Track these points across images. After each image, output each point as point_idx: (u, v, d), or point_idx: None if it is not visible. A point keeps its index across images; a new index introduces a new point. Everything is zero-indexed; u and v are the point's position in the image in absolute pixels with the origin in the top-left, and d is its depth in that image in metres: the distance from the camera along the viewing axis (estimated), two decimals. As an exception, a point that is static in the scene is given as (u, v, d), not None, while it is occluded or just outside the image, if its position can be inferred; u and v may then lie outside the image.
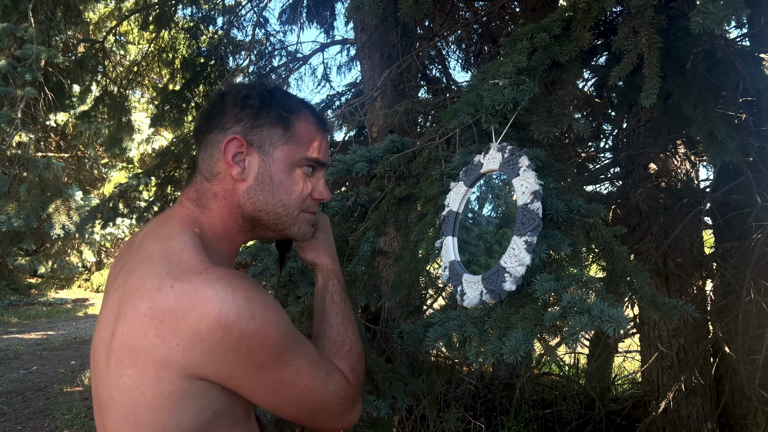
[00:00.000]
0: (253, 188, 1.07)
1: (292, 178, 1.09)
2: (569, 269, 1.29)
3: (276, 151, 1.06)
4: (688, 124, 2.18)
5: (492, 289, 1.31)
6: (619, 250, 1.41)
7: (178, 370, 0.87)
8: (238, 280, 0.91)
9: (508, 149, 1.37)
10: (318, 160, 1.11)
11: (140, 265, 0.96)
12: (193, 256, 0.95)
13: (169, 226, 1.03)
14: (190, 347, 0.86)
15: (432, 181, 1.66)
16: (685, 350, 3.29)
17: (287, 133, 1.07)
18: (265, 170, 1.07)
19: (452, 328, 1.29)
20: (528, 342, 1.18)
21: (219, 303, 0.86)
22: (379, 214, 1.73)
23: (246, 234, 1.13)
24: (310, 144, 1.09)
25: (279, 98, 1.09)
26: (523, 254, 1.26)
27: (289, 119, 1.08)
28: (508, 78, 1.36)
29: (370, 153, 1.75)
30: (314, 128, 1.12)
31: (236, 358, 0.88)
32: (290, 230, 1.13)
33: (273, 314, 0.92)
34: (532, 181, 1.29)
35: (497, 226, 1.62)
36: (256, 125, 1.06)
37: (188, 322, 0.86)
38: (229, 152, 1.05)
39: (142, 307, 0.89)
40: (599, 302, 1.12)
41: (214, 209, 1.08)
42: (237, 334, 0.86)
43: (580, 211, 1.43)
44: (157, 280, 0.90)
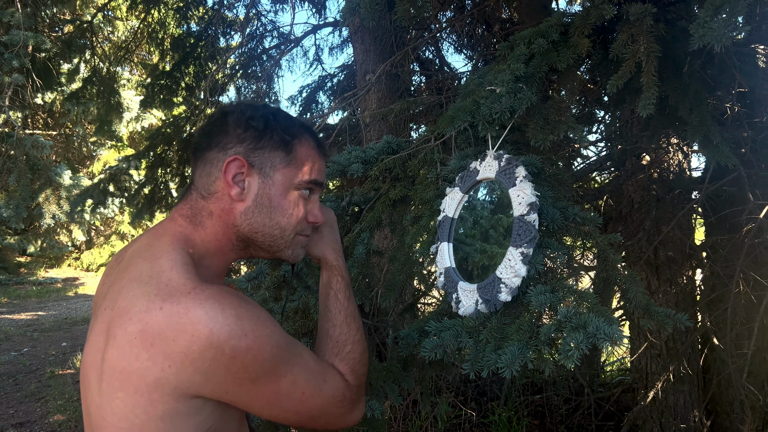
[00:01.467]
0: (251, 209, 1.07)
1: (290, 201, 1.09)
2: (565, 281, 1.30)
3: (277, 174, 1.07)
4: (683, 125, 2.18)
5: (487, 299, 1.31)
6: (614, 259, 1.41)
7: (171, 390, 0.88)
8: (227, 298, 0.91)
9: (505, 158, 1.36)
10: (316, 181, 1.12)
11: (129, 285, 0.95)
12: (181, 274, 0.94)
13: (159, 244, 1.02)
14: (183, 368, 0.86)
15: (427, 183, 1.65)
16: (674, 340, 3.33)
17: (288, 157, 1.08)
18: (265, 192, 1.07)
19: (448, 338, 1.30)
20: (524, 356, 1.19)
21: (209, 323, 0.86)
22: (374, 215, 1.72)
23: (238, 252, 1.13)
24: (310, 167, 1.10)
25: (282, 121, 1.09)
26: (519, 266, 1.26)
27: (291, 143, 1.08)
28: (506, 86, 1.35)
29: (365, 154, 1.74)
30: (314, 152, 1.13)
31: (230, 375, 0.89)
32: (284, 252, 1.14)
33: (264, 328, 0.93)
34: (528, 192, 1.29)
35: (492, 211, 1.62)
36: (259, 147, 1.06)
37: (179, 344, 0.86)
38: (230, 172, 1.05)
39: (131, 329, 0.88)
40: (595, 318, 1.13)
41: (209, 227, 1.08)
42: (230, 351, 0.87)
43: (575, 220, 1.43)
44: (146, 301, 0.90)
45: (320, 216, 1.16)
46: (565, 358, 1.11)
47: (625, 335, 1.08)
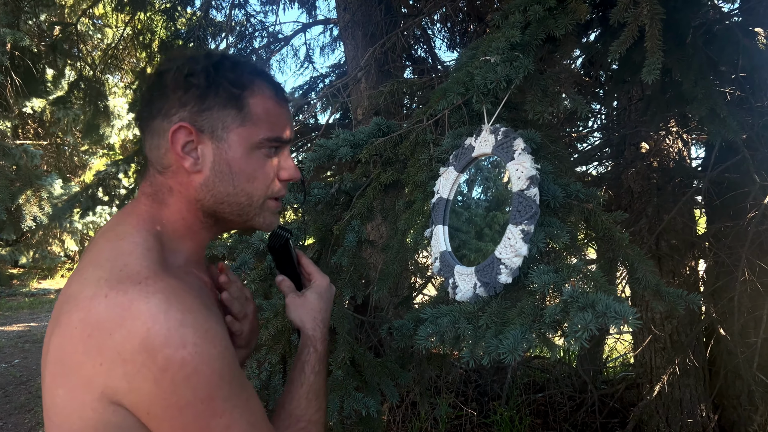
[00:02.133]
0: (210, 180, 0.94)
1: (253, 162, 0.95)
2: (569, 259, 1.21)
3: (231, 135, 0.93)
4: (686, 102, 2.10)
5: (486, 282, 1.22)
6: (620, 237, 1.32)
7: (98, 393, 0.76)
8: (179, 297, 0.79)
9: (502, 131, 1.28)
10: (279, 138, 0.97)
11: (85, 268, 0.85)
12: (139, 260, 0.83)
13: (125, 225, 0.92)
14: (113, 369, 0.75)
15: (420, 166, 1.56)
16: (679, 332, 3.24)
17: (241, 114, 0.93)
18: (222, 158, 0.93)
19: (444, 325, 1.21)
20: (527, 339, 1.10)
21: (149, 321, 0.75)
22: (365, 202, 1.63)
23: (211, 229, 1.01)
24: (268, 121, 0.95)
25: (228, 72, 0.93)
26: (519, 244, 1.17)
27: (242, 96, 0.93)
28: (501, 54, 1.26)
29: (354, 137, 1.65)
30: (272, 102, 0.97)
31: (157, 390, 0.76)
32: (255, 221, 1.00)
33: (211, 347, 0.79)
34: (528, 165, 1.20)
35: (486, 209, 1.54)
36: (205, 108, 0.92)
37: (115, 340, 0.75)
38: (178, 142, 0.92)
39: (74, 317, 0.78)
40: (603, 296, 1.04)
41: (172, 205, 0.96)
42: (162, 361, 0.75)
43: (578, 197, 1.34)
44: (94, 286, 0.79)
45: (295, 171, 1.01)
46: (572, 339, 1.02)
47: (637, 315, 0.99)
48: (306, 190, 1.52)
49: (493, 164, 1.49)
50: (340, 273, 1.65)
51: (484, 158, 1.41)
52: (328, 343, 1.16)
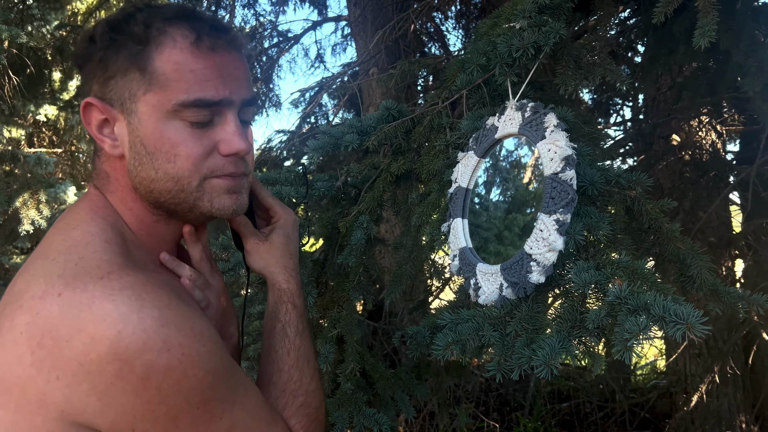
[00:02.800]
0: (132, 165, 0.78)
1: (171, 136, 0.75)
2: (611, 255, 1.03)
3: (139, 105, 0.75)
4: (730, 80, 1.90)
5: (515, 282, 1.04)
6: (669, 229, 1.14)
7: (57, 415, 0.62)
8: (152, 292, 0.65)
9: (530, 107, 1.10)
10: (201, 100, 0.74)
11: (33, 263, 0.70)
12: (98, 252, 0.69)
13: (76, 212, 0.77)
14: (75, 384, 0.62)
15: (435, 153, 1.39)
16: (715, 338, 3.02)
17: (145, 76, 0.74)
18: (136, 137, 0.76)
19: (466, 333, 1.03)
20: (566, 349, 0.92)
21: (118, 323, 0.61)
22: (374, 196, 1.46)
23: (168, 222, 0.83)
24: (182, 80, 0.74)
25: (135, 25, 0.74)
26: (553, 237, 0.99)
27: (144, 53, 0.74)
28: (528, 18, 1.08)
29: (361, 123, 1.48)
30: (187, 53, 0.74)
31: (140, 404, 0.63)
32: (200, 207, 0.80)
33: (199, 345, 0.67)
34: (562, 144, 1.02)
35: (506, 211, 1.38)
36: (108, 77, 0.75)
37: (74, 348, 0.61)
38: (91, 123, 0.77)
39: (19, 321, 0.63)
40: (659, 297, 0.86)
41: (114, 192, 0.81)
42: (141, 369, 0.62)
43: (619, 182, 1.16)
44: (44, 284, 0.65)
45: (237, 141, 0.78)
46: (622, 349, 0.84)
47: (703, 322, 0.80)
48: (309, 184, 1.36)
49: (512, 164, 1.34)
50: (348, 275, 1.48)
51: (502, 150, 1.24)
52: (307, 311, 0.96)
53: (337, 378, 1.47)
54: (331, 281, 1.59)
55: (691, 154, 3.01)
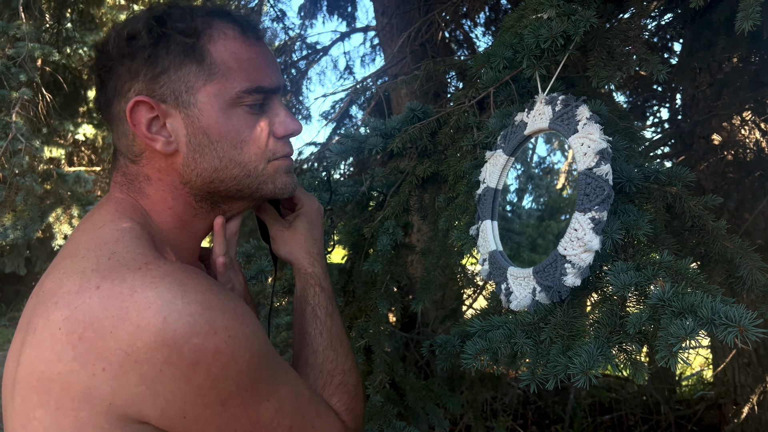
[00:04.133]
0: (190, 157, 0.78)
1: (235, 124, 0.78)
2: (652, 254, 0.95)
3: (199, 96, 0.76)
4: None
5: (548, 286, 0.98)
6: (716, 227, 1.06)
7: (104, 407, 0.61)
8: (193, 278, 0.65)
9: (560, 100, 1.04)
10: (261, 87, 0.78)
11: (62, 262, 0.69)
12: (130, 247, 0.68)
13: (100, 213, 0.76)
14: (122, 374, 0.61)
15: (462, 154, 1.34)
16: (765, 346, 2.87)
17: (204, 67, 0.75)
18: (196, 128, 0.77)
19: (498, 340, 0.97)
20: (605, 356, 0.85)
21: (163, 309, 0.61)
22: (400, 200, 1.41)
23: (207, 216, 0.84)
24: (241, 69, 0.77)
25: (176, 22, 0.75)
26: (589, 236, 0.93)
27: (198, 45, 0.75)
28: (556, 7, 1.03)
29: (385, 126, 1.44)
30: (240, 43, 0.78)
31: (190, 389, 0.63)
32: (264, 190, 0.83)
33: (243, 326, 0.67)
34: (596, 137, 0.95)
35: (539, 218, 1.32)
36: (159, 72, 0.74)
37: (119, 338, 0.61)
38: (140, 122, 0.75)
39: (56, 317, 0.63)
40: (706, 298, 0.79)
41: (153, 195, 0.80)
42: (190, 354, 0.62)
43: (658, 179, 1.09)
44: (78, 279, 0.64)
45: (292, 123, 0.83)
46: (667, 355, 0.77)
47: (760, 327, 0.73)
48: (333, 189, 1.32)
49: (544, 170, 1.29)
50: (374, 283, 1.43)
51: (534, 156, 1.19)
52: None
53: (366, 390, 1.42)
54: (358, 290, 1.55)
55: (733, 154, 2.89)
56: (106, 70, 0.77)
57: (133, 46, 0.74)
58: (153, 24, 0.74)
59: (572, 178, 1.34)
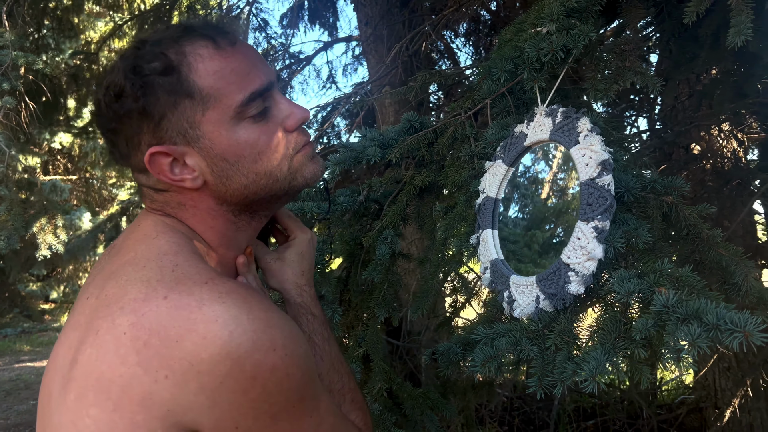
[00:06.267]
0: (220, 183, 0.79)
1: (246, 137, 0.77)
2: (653, 263, 0.98)
3: (204, 127, 0.76)
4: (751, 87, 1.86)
5: (552, 294, 1.00)
6: (711, 235, 1.10)
7: (162, 413, 0.63)
8: (255, 296, 0.68)
9: (561, 112, 1.07)
10: (254, 93, 0.77)
11: (122, 269, 0.71)
12: (191, 261, 0.71)
13: (147, 224, 0.78)
14: (184, 383, 0.63)
15: (460, 164, 1.36)
16: (744, 350, 2.94)
17: (195, 99, 0.74)
18: (213, 156, 0.77)
19: (504, 347, 0.99)
20: (612, 362, 0.87)
21: (230, 323, 0.63)
22: (398, 209, 1.43)
23: (248, 227, 0.86)
24: (229, 83, 0.75)
25: (151, 62, 0.73)
26: (593, 245, 0.95)
27: (182, 79, 0.73)
28: (556, 21, 1.06)
29: (382, 136, 1.46)
30: (219, 59, 0.75)
31: (246, 401, 0.65)
32: (295, 183, 0.84)
33: (297, 346, 0.69)
34: (598, 148, 0.98)
35: (525, 228, 1.35)
36: (158, 119, 0.74)
37: (184, 348, 0.63)
38: (163, 170, 0.77)
39: (121, 322, 0.65)
40: (711, 304, 0.81)
41: (190, 218, 0.81)
42: (251, 368, 0.64)
43: (655, 188, 1.12)
44: (144, 287, 0.67)
45: (298, 112, 0.82)
46: (675, 360, 0.79)
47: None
48: (331, 199, 1.33)
49: (530, 179, 1.31)
50: (372, 291, 1.44)
51: (519, 166, 1.21)
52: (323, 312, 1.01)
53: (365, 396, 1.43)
54: (354, 299, 1.56)
55: (712, 163, 2.96)
56: (110, 131, 0.77)
57: (124, 104, 0.74)
58: (131, 77, 0.73)
59: (557, 188, 1.37)
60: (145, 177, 0.81)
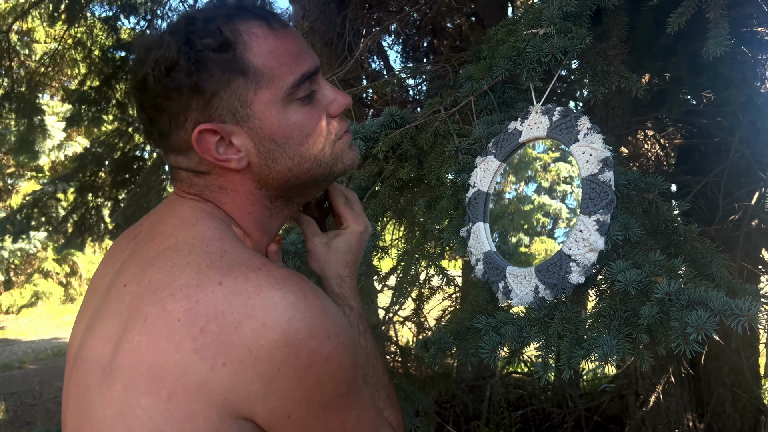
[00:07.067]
0: (264, 165, 0.78)
1: (295, 119, 0.77)
2: (646, 254, 1.06)
3: (255, 107, 0.75)
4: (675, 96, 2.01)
5: (553, 283, 1.05)
6: (687, 230, 1.19)
7: (219, 401, 0.62)
8: (309, 283, 0.67)
9: (558, 111, 1.12)
10: (305, 74, 0.77)
11: (164, 254, 0.69)
12: (238, 247, 0.70)
13: (184, 210, 0.76)
14: (242, 370, 0.62)
15: (444, 159, 1.39)
16: (665, 340, 3.17)
17: (249, 77, 0.73)
18: (261, 137, 0.76)
19: (511, 335, 1.03)
20: (620, 347, 0.93)
21: (288, 310, 0.63)
22: (379, 202, 1.44)
23: (281, 214, 0.85)
24: (282, 64, 0.75)
25: (205, 38, 0.71)
26: (594, 237, 1.01)
27: (237, 57, 0.72)
28: (555, 25, 1.11)
29: (365, 129, 1.47)
30: (273, 39, 0.75)
31: (300, 390, 0.64)
32: (336, 170, 0.84)
33: (347, 335, 0.69)
34: (599, 146, 1.04)
35: None
36: (210, 96, 0.73)
37: (243, 334, 0.62)
38: (209, 149, 0.75)
39: (174, 308, 0.63)
40: (714, 291, 0.89)
41: (230, 203, 0.80)
42: (307, 356, 0.63)
43: (637, 186, 1.20)
44: (195, 273, 0.65)
45: (342, 98, 0.82)
46: (682, 343, 0.86)
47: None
48: None
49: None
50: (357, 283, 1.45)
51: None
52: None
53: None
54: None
55: (638, 166, 3.17)
56: (154, 107, 0.74)
57: (175, 78, 0.71)
58: (187, 50, 0.71)
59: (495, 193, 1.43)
60: (185, 159, 0.78)
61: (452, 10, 5.42)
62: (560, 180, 3.72)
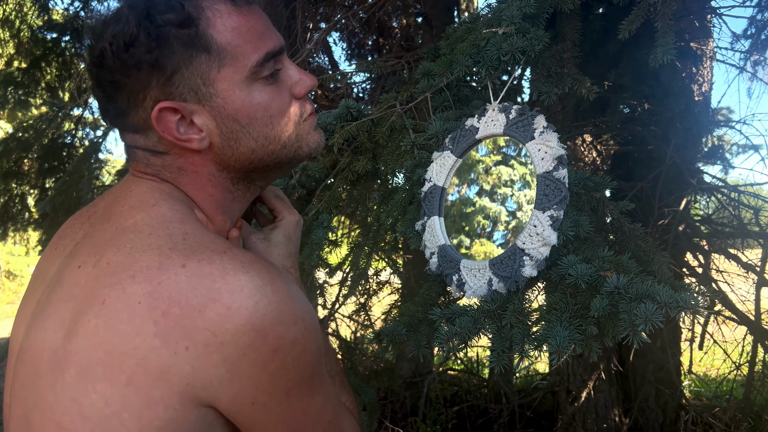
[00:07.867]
0: (226, 146, 0.75)
1: (259, 99, 0.75)
2: (594, 250, 1.10)
3: (218, 84, 0.72)
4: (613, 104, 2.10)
5: (506, 276, 1.08)
6: (632, 228, 1.24)
7: (181, 387, 0.60)
8: (274, 268, 0.65)
9: (515, 109, 1.15)
10: (270, 53, 0.74)
11: (121, 236, 0.66)
12: (201, 230, 0.67)
13: (142, 191, 0.72)
14: (206, 355, 0.60)
15: (400, 153, 1.40)
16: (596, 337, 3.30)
17: (212, 54, 0.71)
18: (224, 116, 0.74)
19: (465, 326, 1.04)
20: (572, 338, 0.97)
21: (255, 294, 0.61)
22: (334, 194, 1.44)
23: (243, 196, 0.82)
24: (247, 41, 0.72)
25: (164, 13, 0.69)
26: (548, 232, 1.04)
27: (199, 34, 0.70)
28: (514, 24, 1.13)
29: (320, 120, 1.45)
30: (237, 16, 0.72)
31: (265, 375, 0.63)
32: (299, 154, 0.82)
33: (314, 320, 0.68)
34: (554, 144, 1.08)
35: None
36: (171, 73, 0.70)
37: (207, 318, 0.60)
38: (169, 127, 0.72)
39: (134, 291, 0.61)
40: (659, 285, 0.94)
41: (190, 184, 0.77)
42: (273, 341, 0.62)
43: (586, 185, 1.25)
44: (157, 256, 0.63)
45: (307, 79, 0.80)
46: (630, 334, 0.90)
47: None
48: None
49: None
50: (306, 276, 1.44)
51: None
52: None
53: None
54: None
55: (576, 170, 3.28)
56: (112, 84, 0.71)
57: (135, 54, 0.68)
58: (147, 24, 0.68)
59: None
60: (143, 138, 0.75)
61: (398, 9, 5.46)
62: (501, 183, 3.80)
